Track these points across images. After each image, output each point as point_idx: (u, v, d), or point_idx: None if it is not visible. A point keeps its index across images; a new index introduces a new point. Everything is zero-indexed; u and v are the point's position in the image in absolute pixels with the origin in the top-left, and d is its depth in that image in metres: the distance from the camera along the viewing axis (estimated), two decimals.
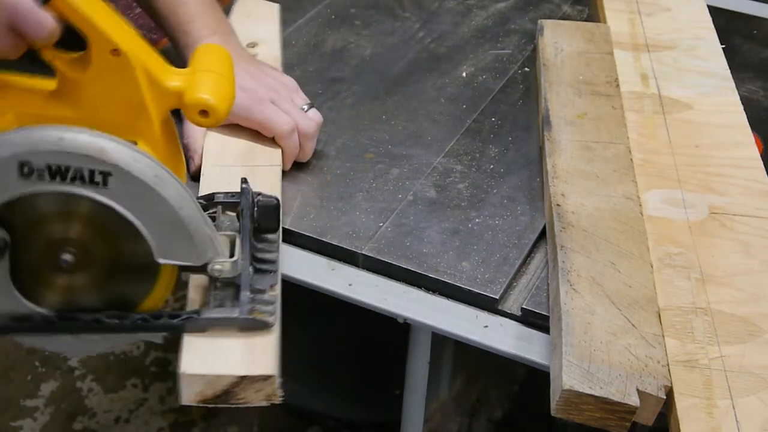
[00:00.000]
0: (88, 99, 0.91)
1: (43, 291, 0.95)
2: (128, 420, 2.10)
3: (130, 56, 0.88)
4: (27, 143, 0.85)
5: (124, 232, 0.90)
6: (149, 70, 0.90)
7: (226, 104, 0.92)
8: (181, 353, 0.93)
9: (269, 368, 0.92)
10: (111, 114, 0.91)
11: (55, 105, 0.92)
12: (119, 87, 0.90)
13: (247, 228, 1.01)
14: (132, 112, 0.91)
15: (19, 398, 2.14)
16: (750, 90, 1.43)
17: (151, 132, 0.92)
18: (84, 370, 2.21)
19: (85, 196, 0.88)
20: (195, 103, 0.91)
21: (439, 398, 1.38)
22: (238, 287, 0.97)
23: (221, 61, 0.96)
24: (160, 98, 0.92)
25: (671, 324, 0.96)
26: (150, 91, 0.91)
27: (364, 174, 1.23)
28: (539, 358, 1.01)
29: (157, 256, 0.91)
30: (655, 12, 1.53)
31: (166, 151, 0.94)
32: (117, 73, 0.89)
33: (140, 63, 0.89)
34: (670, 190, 1.15)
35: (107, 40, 0.87)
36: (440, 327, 1.05)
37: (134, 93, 0.90)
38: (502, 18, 1.61)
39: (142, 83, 0.90)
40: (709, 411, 0.87)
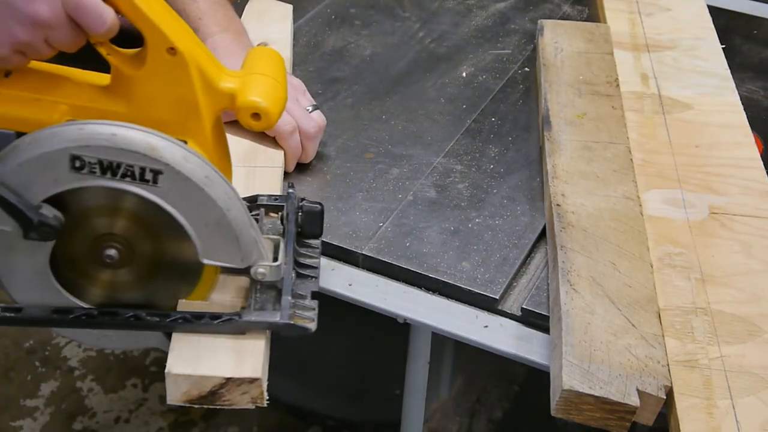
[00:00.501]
0: (141, 96, 0.91)
1: (85, 285, 0.96)
2: (128, 420, 2.10)
3: (185, 55, 0.88)
4: (80, 137, 0.86)
5: (171, 230, 0.90)
6: (204, 70, 0.90)
7: (278, 108, 0.92)
8: (169, 352, 0.93)
9: (256, 371, 0.92)
10: (163, 112, 0.91)
11: (107, 100, 0.92)
12: (173, 85, 0.90)
13: (292, 233, 1.01)
14: (184, 111, 0.91)
15: (19, 398, 2.14)
16: (750, 90, 1.43)
17: (201, 132, 0.92)
18: (84, 370, 2.21)
19: (134, 193, 0.88)
20: (247, 105, 0.90)
21: (439, 398, 1.38)
22: (279, 291, 0.97)
23: (274, 64, 0.96)
24: (212, 99, 0.91)
25: (671, 324, 0.96)
26: (203, 92, 0.90)
27: (364, 174, 1.23)
28: (539, 358, 1.01)
29: (202, 257, 0.92)
30: (655, 12, 1.53)
31: (215, 152, 0.94)
32: (172, 72, 0.89)
33: (195, 63, 0.89)
34: (670, 190, 1.15)
35: (164, 38, 0.87)
36: (440, 327, 1.05)
37: (188, 92, 0.90)
38: (502, 18, 1.61)
39: (196, 83, 0.90)
40: (709, 411, 0.87)
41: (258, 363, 0.92)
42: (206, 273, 0.95)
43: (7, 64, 0.88)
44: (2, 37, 0.85)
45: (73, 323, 0.96)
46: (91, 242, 0.93)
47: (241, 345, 0.94)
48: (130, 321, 0.95)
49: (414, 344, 1.22)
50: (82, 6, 0.84)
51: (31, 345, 2.27)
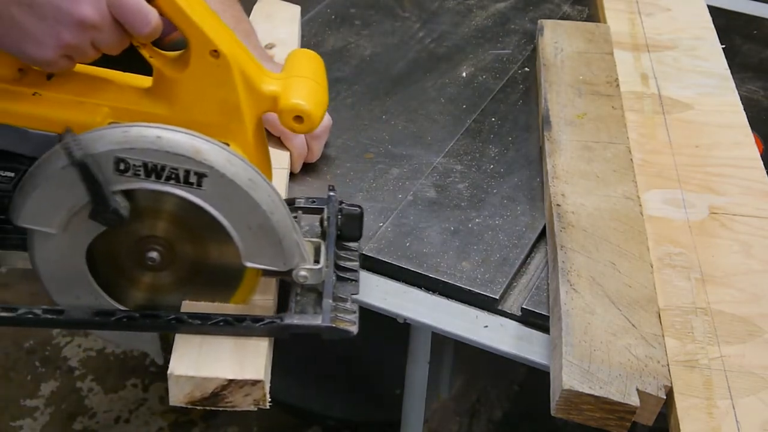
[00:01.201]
0: (183, 98, 0.91)
1: (126, 288, 0.96)
2: (128, 420, 2.10)
3: (229, 58, 0.88)
4: (125, 140, 0.86)
5: (214, 233, 0.90)
6: (246, 73, 0.90)
7: (321, 110, 0.92)
8: (172, 353, 0.93)
9: (258, 373, 0.92)
10: (205, 115, 0.91)
11: (149, 102, 0.92)
12: (216, 88, 0.90)
13: (333, 236, 1.01)
14: (227, 113, 0.91)
15: (19, 398, 2.14)
16: (750, 90, 1.43)
17: (244, 135, 0.92)
18: (84, 370, 2.21)
19: (177, 196, 0.88)
20: (290, 108, 0.90)
21: (439, 398, 1.38)
22: (320, 294, 0.97)
23: (315, 67, 0.96)
24: (255, 102, 0.91)
25: (671, 324, 0.96)
26: (246, 94, 0.90)
27: (364, 174, 1.23)
28: (539, 358, 1.00)
29: (245, 260, 0.92)
30: (655, 12, 1.53)
31: (257, 155, 0.94)
32: (215, 74, 0.89)
33: (238, 65, 0.89)
34: (670, 190, 1.15)
35: (208, 40, 0.87)
36: (440, 327, 1.05)
37: (230, 95, 0.90)
38: (502, 18, 1.61)
39: (238, 86, 0.90)
40: (709, 411, 0.87)
41: (261, 365, 0.93)
42: (248, 276, 0.96)
43: (53, 67, 0.88)
44: (49, 41, 0.85)
45: (114, 326, 0.96)
46: (133, 245, 0.93)
47: (244, 347, 0.94)
48: (171, 323, 0.95)
49: (414, 344, 1.22)
50: (126, 6, 0.84)
51: (31, 345, 2.27)
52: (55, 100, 0.91)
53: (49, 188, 0.88)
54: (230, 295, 0.97)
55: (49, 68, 0.89)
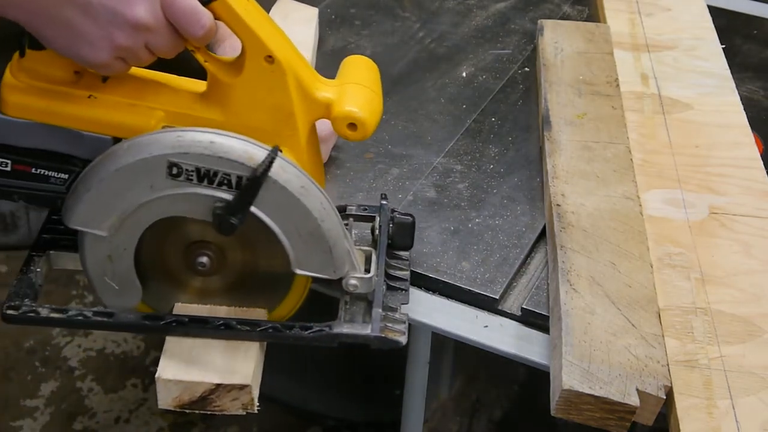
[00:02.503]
0: (237, 103, 0.91)
1: (176, 292, 0.96)
2: (128, 420, 2.10)
3: (283, 64, 0.89)
4: (178, 144, 0.86)
5: (265, 240, 0.90)
6: (301, 79, 0.90)
7: (375, 118, 0.92)
8: (161, 356, 0.93)
9: (246, 378, 0.92)
10: (259, 120, 0.91)
11: (203, 107, 0.92)
12: (270, 94, 0.90)
13: (384, 244, 1.01)
14: (280, 119, 0.91)
15: (19, 398, 2.14)
16: (750, 90, 1.43)
17: (297, 141, 0.92)
18: (84, 370, 2.21)
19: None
20: (344, 115, 0.91)
21: (439, 398, 1.38)
22: (369, 303, 0.97)
23: (370, 73, 0.96)
24: (308, 108, 0.92)
25: (671, 324, 0.96)
26: (300, 100, 0.91)
27: (364, 174, 1.23)
28: (539, 358, 1.01)
29: (295, 267, 0.92)
30: (655, 12, 1.53)
31: (310, 161, 0.94)
32: (269, 80, 0.89)
33: (293, 71, 0.89)
34: (670, 190, 1.15)
35: (263, 46, 0.88)
36: (440, 327, 1.05)
37: (284, 101, 0.90)
38: (502, 18, 1.61)
39: (293, 92, 0.90)
40: (709, 411, 0.87)
41: (249, 369, 0.93)
42: (297, 283, 0.96)
43: (108, 70, 0.88)
44: (103, 43, 0.85)
45: (163, 330, 0.96)
46: (184, 249, 0.94)
47: (234, 351, 0.94)
48: (220, 329, 0.95)
49: (414, 344, 1.22)
50: (180, 9, 0.84)
51: (31, 345, 2.27)
52: (110, 102, 0.92)
53: (102, 191, 0.88)
54: (278, 303, 0.97)
55: (103, 71, 0.89)
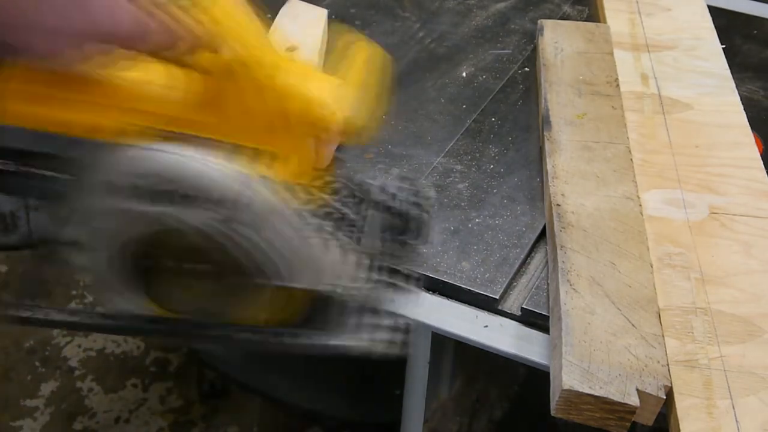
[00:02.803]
0: (230, 108, 0.90)
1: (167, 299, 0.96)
2: (128, 420, 2.10)
3: (275, 69, 0.88)
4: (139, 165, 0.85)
5: (248, 254, 0.90)
6: (294, 84, 0.90)
7: (374, 122, 0.93)
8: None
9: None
10: (252, 125, 0.91)
11: (197, 111, 0.91)
12: (262, 99, 0.90)
13: (376, 244, 1.01)
14: (273, 125, 0.91)
15: (19, 398, 2.14)
16: (750, 90, 1.43)
17: (289, 147, 0.92)
18: (84, 370, 2.21)
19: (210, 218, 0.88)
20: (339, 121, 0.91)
21: (439, 398, 1.38)
22: (366, 310, 0.96)
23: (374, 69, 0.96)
24: (303, 113, 0.91)
25: (671, 324, 0.96)
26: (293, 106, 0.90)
27: (364, 174, 1.22)
28: (539, 358, 1.01)
29: (283, 281, 0.92)
30: (655, 12, 1.53)
31: (301, 168, 0.94)
32: (261, 86, 0.89)
33: (286, 76, 0.89)
34: (670, 190, 1.15)
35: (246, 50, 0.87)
36: (440, 327, 1.05)
37: (277, 106, 0.90)
38: (502, 18, 1.61)
39: (285, 97, 0.90)
40: (709, 411, 0.87)
41: None
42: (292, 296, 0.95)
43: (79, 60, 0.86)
44: None
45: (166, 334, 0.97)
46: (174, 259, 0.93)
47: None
48: (221, 337, 0.96)
49: (414, 344, 1.21)
50: None
51: (31, 345, 2.27)
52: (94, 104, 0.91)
53: None
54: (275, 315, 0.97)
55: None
